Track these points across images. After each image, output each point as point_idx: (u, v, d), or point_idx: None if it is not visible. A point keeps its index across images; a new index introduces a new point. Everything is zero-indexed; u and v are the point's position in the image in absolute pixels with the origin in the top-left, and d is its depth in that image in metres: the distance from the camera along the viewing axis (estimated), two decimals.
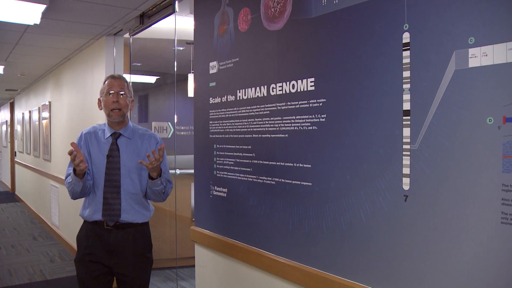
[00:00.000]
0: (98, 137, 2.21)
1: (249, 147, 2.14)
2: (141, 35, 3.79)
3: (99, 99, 2.23)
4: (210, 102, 2.44)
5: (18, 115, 10.21)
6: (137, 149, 2.21)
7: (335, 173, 1.67)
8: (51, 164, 6.43)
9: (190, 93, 4.44)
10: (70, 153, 1.94)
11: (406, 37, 1.40)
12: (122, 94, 2.17)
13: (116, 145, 2.18)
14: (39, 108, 7.28)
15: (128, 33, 3.93)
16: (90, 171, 2.16)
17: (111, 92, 2.16)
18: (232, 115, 2.26)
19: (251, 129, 2.12)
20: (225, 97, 2.31)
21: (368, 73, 1.53)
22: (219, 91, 2.37)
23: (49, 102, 6.51)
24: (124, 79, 2.25)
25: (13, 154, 11.05)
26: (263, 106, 2.04)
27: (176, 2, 3.04)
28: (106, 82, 2.21)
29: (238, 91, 2.21)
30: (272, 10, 1.97)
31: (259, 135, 2.07)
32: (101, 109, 2.22)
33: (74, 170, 2.02)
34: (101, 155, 2.17)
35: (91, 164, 2.17)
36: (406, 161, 1.41)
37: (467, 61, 1.24)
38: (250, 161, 2.14)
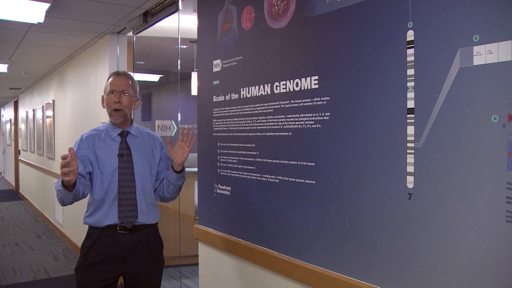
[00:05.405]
0: (102, 139, 2.10)
1: (253, 145, 2.14)
2: (145, 33, 3.80)
3: (102, 97, 2.11)
4: (214, 100, 2.44)
5: (22, 113, 10.25)
6: (145, 147, 2.14)
7: (339, 171, 1.67)
8: (54, 162, 6.45)
9: (194, 91, 4.45)
10: (64, 157, 1.74)
11: (410, 35, 1.40)
12: (125, 94, 2.05)
13: (126, 143, 2.09)
14: (43, 106, 7.30)
15: (131, 32, 3.93)
16: (95, 176, 2.05)
17: (113, 91, 2.03)
18: (236, 113, 2.26)
19: (255, 127, 2.12)
20: (229, 95, 2.31)
21: (372, 71, 1.53)
22: (222, 89, 2.37)
23: (53, 101, 6.53)
24: (129, 76, 2.12)
25: (17, 152, 11.09)
26: (267, 104, 2.04)
27: (180, 0, 3.04)
28: (109, 79, 2.09)
29: (241, 89, 2.21)
30: (276, 8, 1.97)
31: (263, 133, 2.07)
32: (104, 107, 2.11)
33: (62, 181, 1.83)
34: (110, 156, 2.07)
35: (97, 167, 2.06)
36: (410, 159, 1.41)
37: (471, 59, 1.24)
38: (253, 159, 2.14)
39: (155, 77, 5.39)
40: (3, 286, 4.23)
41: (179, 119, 3.94)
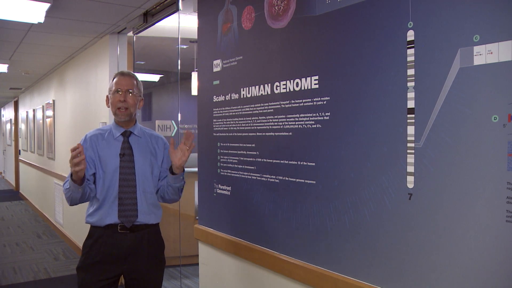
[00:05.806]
0: (106, 138, 2.12)
1: (253, 145, 2.14)
2: (145, 33, 3.80)
3: (107, 96, 2.14)
4: (214, 100, 2.44)
5: (22, 113, 10.25)
6: (147, 147, 2.15)
7: (339, 171, 1.67)
8: (55, 162, 6.45)
9: (194, 91, 4.45)
10: (74, 149, 1.81)
11: (410, 35, 1.40)
12: (130, 93, 2.09)
13: (128, 143, 2.11)
14: (43, 106, 7.30)
15: (131, 32, 3.94)
16: (98, 175, 2.08)
17: (119, 90, 2.07)
18: (236, 113, 2.26)
19: (255, 127, 2.12)
20: (229, 95, 2.31)
21: (373, 71, 1.53)
22: (222, 89, 2.37)
23: (53, 101, 6.53)
24: (133, 76, 2.16)
25: (17, 152, 11.09)
26: (267, 104, 2.04)
27: (180, 0, 3.04)
28: (114, 79, 2.12)
29: (242, 89, 2.21)
30: (276, 8, 1.97)
31: (263, 133, 2.07)
32: (108, 107, 2.14)
33: (71, 176, 1.91)
34: (112, 155, 2.09)
35: (100, 166, 2.08)
36: (410, 159, 1.41)
37: (472, 59, 1.24)
38: (253, 159, 2.14)
39: (155, 77, 5.39)
40: (3, 286, 4.23)
41: (179, 119, 3.94)
